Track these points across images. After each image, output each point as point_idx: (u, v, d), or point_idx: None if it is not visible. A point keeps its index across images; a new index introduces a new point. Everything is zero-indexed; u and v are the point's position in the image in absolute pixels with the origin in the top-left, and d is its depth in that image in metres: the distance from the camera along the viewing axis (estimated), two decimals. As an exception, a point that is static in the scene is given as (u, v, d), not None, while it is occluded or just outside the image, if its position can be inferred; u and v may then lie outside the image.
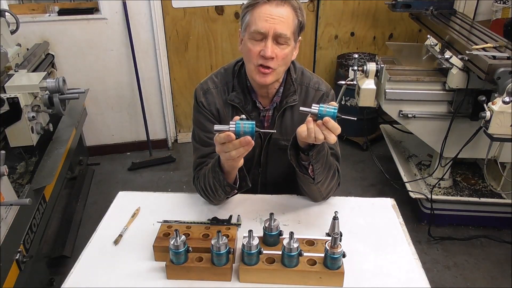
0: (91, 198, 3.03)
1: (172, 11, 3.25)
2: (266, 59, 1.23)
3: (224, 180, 1.25)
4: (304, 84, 1.42)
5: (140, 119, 3.48)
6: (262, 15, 1.21)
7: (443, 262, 2.44)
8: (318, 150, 1.20)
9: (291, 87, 1.39)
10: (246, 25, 1.26)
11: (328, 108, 1.10)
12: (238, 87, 1.39)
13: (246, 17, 1.25)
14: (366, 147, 3.53)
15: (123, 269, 1.16)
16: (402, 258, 1.20)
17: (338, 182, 1.41)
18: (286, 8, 1.22)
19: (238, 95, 1.38)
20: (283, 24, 1.21)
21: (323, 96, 1.42)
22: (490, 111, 1.90)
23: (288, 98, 1.38)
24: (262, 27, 1.21)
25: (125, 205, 1.42)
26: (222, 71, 1.45)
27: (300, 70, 1.44)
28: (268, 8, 1.21)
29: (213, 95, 1.41)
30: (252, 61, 1.27)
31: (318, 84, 1.43)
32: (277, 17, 1.21)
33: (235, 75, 1.41)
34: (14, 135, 1.84)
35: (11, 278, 1.58)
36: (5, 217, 1.59)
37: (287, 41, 1.24)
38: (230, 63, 1.45)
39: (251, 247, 1.07)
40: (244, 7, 1.26)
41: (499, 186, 2.61)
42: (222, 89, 1.41)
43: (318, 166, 1.24)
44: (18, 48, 2.50)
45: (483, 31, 2.47)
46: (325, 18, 3.52)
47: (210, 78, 1.45)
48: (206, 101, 1.41)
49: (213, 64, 3.51)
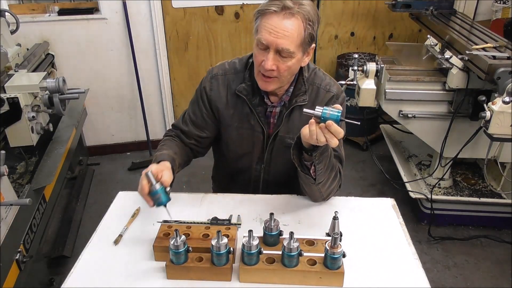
0: (91, 198, 3.03)
1: (172, 11, 3.25)
2: (266, 70, 1.24)
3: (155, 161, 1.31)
4: (315, 84, 1.41)
5: (140, 119, 3.48)
6: (268, 26, 1.19)
7: (443, 262, 2.44)
8: (321, 151, 1.20)
9: (302, 87, 1.38)
10: (256, 30, 1.26)
11: (331, 111, 1.09)
12: (249, 79, 1.39)
13: (257, 21, 1.25)
14: (366, 147, 3.53)
15: (123, 269, 1.16)
16: (402, 258, 1.20)
17: (339, 184, 1.41)
18: (294, 21, 1.19)
19: (247, 87, 1.39)
20: (286, 39, 1.19)
21: (333, 98, 1.41)
22: (490, 111, 1.90)
23: (298, 98, 1.38)
24: (265, 39, 1.20)
25: (125, 205, 1.42)
26: (236, 60, 1.46)
27: (313, 70, 1.44)
28: (275, 20, 1.19)
29: (219, 81, 1.43)
30: (256, 66, 1.29)
31: (329, 85, 1.42)
32: (281, 30, 1.18)
33: (247, 67, 1.41)
34: (14, 135, 1.84)
35: (11, 278, 1.58)
36: (5, 217, 1.59)
37: (291, 55, 1.23)
38: (245, 55, 1.46)
39: (251, 247, 1.07)
40: (256, 10, 1.25)
41: (499, 186, 2.61)
42: (230, 77, 1.42)
43: (321, 167, 1.24)
44: (18, 48, 2.50)
45: (483, 31, 2.47)
46: (325, 18, 3.52)
47: (222, 64, 1.47)
48: (209, 85, 1.43)
49: (213, 64, 3.44)
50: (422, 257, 2.07)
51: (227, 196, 1.45)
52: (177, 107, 3.65)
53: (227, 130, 1.46)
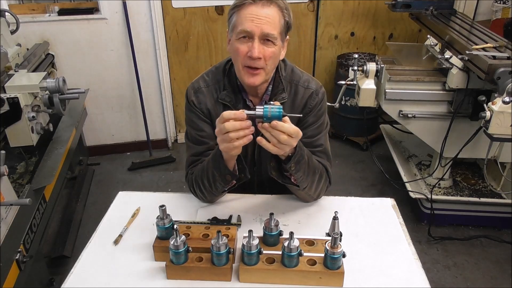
0: (91, 198, 3.03)
1: (172, 11, 3.25)
2: (254, 60, 1.23)
3: (226, 168, 1.24)
4: (293, 82, 1.41)
5: (140, 119, 3.48)
6: (249, 16, 1.21)
7: (443, 262, 2.44)
8: (297, 161, 1.20)
9: (280, 85, 1.38)
10: (233, 25, 1.26)
11: (272, 109, 1.07)
12: (229, 85, 1.39)
13: (233, 18, 1.26)
14: (366, 147, 3.53)
15: (123, 269, 1.16)
16: (402, 258, 1.20)
17: (328, 181, 1.41)
18: (272, 9, 1.22)
19: (229, 94, 1.38)
20: (269, 24, 1.22)
21: (313, 94, 1.41)
22: (490, 111, 1.90)
23: (277, 96, 1.37)
24: (249, 27, 1.21)
25: (125, 205, 1.42)
26: (213, 69, 1.45)
27: (290, 68, 1.44)
28: (254, 9, 1.21)
29: (204, 94, 1.41)
30: (240, 61, 1.27)
31: (308, 82, 1.42)
32: (263, 17, 1.21)
33: (225, 74, 1.41)
34: (14, 135, 1.84)
35: (11, 278, 1.58)
36: (5, 217, 1.59)
37: (274, 41, 1.24)
38: (221, 62, 1.45)
39: (251, 247, 1.07)
40: (231, 8, 1.27)
41: (499, 186, 2.61)
42: (213, 87, 1.41)
43: (300, 174, 1.24)
44: (18, 48, 2.50)
45: (483, 31, 2.47)
46: (325, 18, 3.52)
47: (201, 77, 1.45)
48: (197, 99, 1.41)
49: (213, 64, 3.47)
50: (422, 257, 2.06)
51: (227, 196, 1.45)
52: (177, 107, 3.65)
53: None
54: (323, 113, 1.43)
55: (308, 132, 1.39)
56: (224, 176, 1.26)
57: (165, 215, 1.18)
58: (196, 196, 1.42)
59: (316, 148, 1.39)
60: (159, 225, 1.18)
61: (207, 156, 1.36)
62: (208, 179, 1.30)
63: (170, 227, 1.18)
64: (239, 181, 1.32)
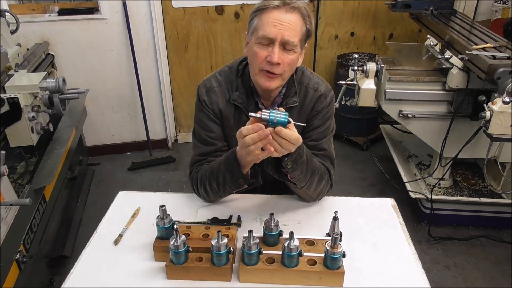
0: (91, 198, 3.03)
1: (172, 11, 3.25)
2: (272, 65, 1.23)
3: (240, 172, 1.24)
4: (303, 83, 1.41)
5: (140, 119, 3.48)
6: (271, 21, 1.20)
7: (443, 262, 2.44)
8: (294, 159, 1.19)
9: (293, 88, 1.38)
10: (254, 29, 1.25)
11: (279, 115, 1.07)
12: (242, 87, 1.38)
13: (254, 21, 1.24)
14: (366, 147, 3.53)
15: (123, 269, 1.16)
16: (402, 258, 1.20)
17: (329, 184, 1.40)
18: (295, 15, 1.21)
19: (241, 95, 1.37)
20: (291, 31, 1.21)
21: (321, 97, 1.41)
22: (490, 111, 1.90)
23: (289, 99, 1.37)
24: (270, 32, 1.20)
25: (125, 205, 1.42)
26: (226, 69, 1.44)
27: (300, 69, 1.43)
28: (277, 14, 1.20)
29: (216, 94, 1.39)
30: (257, 65, 1.26)
31: (317, 84, 1.42)
32: (286, 23, 1.20)
33: (238, 75, 1.40)
34: (14, 135, 1.84)
35: (11, 278, 1.58)
36: (5, 217, 1.59)
37: (294, 48, 1.23)
38: (235, 62, 1.44)
39: (251, 247, 1.07)
40: (253, 10, 1.25)
41: (499, 186, 2.61)
42: (226, 87, 1.40)
43: (297, 173, 1.24)
44: (18, 48, 2.50)
45: (483, 31, 2.47)
46: (325, 18, 3.52)
47: (213, 76, 1.43)
48: (209, 99, 1.39)
49: (213, 64, 3.51)
50: (422, 257, 2.06)
51: (227, 196, 1.45)
52: (177, 107, 3.65)
53: (232, 141, 1.42)
54: (330, 117, 1.43)
55: (312, 135, 1.39)
56: (236, 180, 1.26)
57: (165, 215, 1.18)
58: (198, 195, 1.42)
59: (320, 151, 1.39)
60: (159, 225, 1.18)
61: (214, 156, 1.36)
62: (217, 181, 1.30)
63: (170, 227, 1.18)
64: (251, 186, 1.32)
